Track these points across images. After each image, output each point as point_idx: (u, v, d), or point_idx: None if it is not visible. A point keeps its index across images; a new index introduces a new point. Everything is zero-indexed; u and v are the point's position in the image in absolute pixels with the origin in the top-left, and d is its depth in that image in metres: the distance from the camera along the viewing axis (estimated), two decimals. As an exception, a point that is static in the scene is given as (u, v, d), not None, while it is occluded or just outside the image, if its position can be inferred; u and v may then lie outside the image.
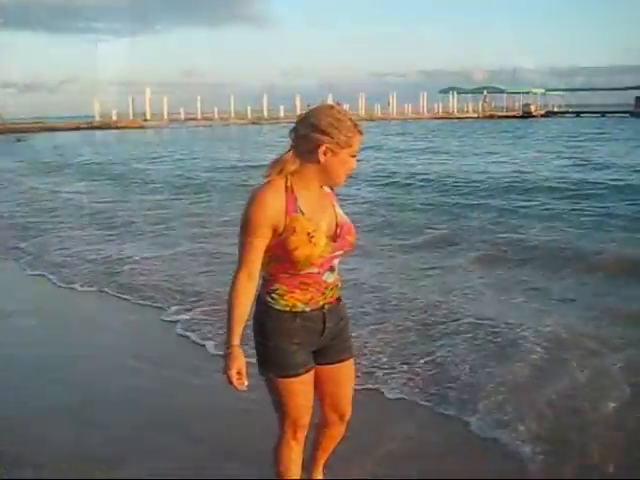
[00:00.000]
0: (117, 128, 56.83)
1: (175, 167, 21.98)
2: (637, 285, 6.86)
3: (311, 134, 2.49)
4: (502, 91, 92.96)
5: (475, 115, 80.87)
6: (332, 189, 2.75)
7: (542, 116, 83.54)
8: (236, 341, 2.54)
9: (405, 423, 3.69)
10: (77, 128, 57.43)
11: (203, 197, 14.89)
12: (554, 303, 6.28)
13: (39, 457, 3.55)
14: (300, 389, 2.69)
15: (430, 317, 5.76)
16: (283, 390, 2.68)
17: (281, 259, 2.56)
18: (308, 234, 2.51)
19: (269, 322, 2.64)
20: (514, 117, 79.71)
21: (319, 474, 3.16)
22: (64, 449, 3.69)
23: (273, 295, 2.62)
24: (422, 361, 4.77)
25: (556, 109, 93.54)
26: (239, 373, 2.51)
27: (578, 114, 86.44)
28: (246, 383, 2.53)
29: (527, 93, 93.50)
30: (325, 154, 2.50)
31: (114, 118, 62.35)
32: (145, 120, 61.94)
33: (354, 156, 2.58)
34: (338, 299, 2.77)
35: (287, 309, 2.62)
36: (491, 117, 78.72)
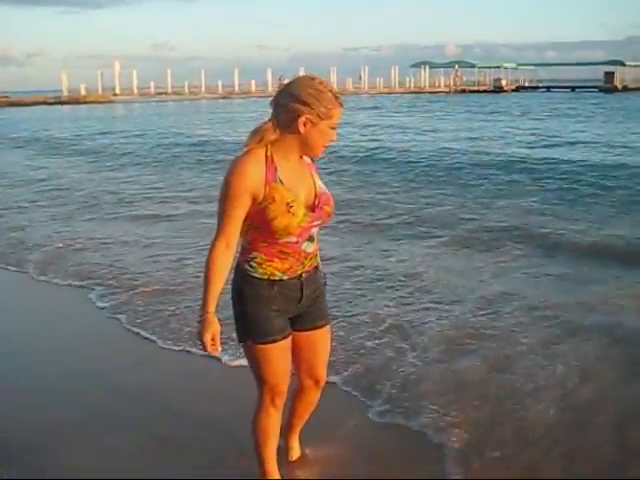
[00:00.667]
0: (86, 103, 55.92)
1: (142, 142, 21.54)
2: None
3: (291, 104, 2.51)
4: (473, 66, 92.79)
5: (447, 90, 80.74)
6: (312, 159, 2.78)
7: (513, 91, 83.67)
8: (211, 308, 2.59)
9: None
10: (44, 103, 56.45)
11: (166, 175, 14.71)
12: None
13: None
14: (278, 355, 2.72)
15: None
16: (261, 357, 2.72)
17: (260, 228, 2.59)
18: (287, 204, 2.53)
19: (247, 289, 2.68)
20: (485, 92, 79.76)
21: (295, 440, 3.27)
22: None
23: (252, 263, 2.66)
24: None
25: (527, 84, 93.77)
26: (213, 339, 2.58)
27: (548, 89, 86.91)
28: (220, 349, 2.62)
29: (498, 68, 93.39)
30: (305, 125, 2.52)
31: (82, 93, 61.39)
32: (114, 95, 61.00)
33: (334, 128, 2.59)
34: (316, 267, 2.82)
35: (265, 277, 2.65)
36: (462, 92, 78.68)
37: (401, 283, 6.21)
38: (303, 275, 2.72)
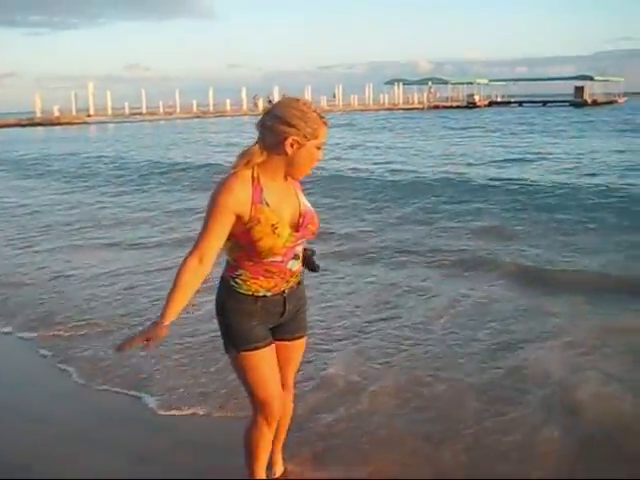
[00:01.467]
0: (59, 124, 55.59)
1: (110, 166, 20.81)
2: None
3: (277, 126, 2.54)
4: (446, 82, 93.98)
5: (420, 106, 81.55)
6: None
7: (486, 106, 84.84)
8: (166, 320, 2.53)
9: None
10: (17, 125, 56.13)
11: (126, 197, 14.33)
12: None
13: None
14: (262, 362, 2.75)
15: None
16: (247, 364, 2.74)
17: (245, 247, 2.62)
18: (272, 225, 2.56)
19: (230, 302, 2.72)
20: (458, 107, 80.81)
21: (278, 454, 3.25)
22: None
23: (237, 280, 2.69)
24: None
25: (499, 99, 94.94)
26: (148, 340, 2.50)
27: (520, 103, 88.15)
28: (134, 347, 2.51)
29: (471, 84, 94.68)
30: (292, 146, 2.55)
31: (56, 114, 61.10)
32: (88, 115, 60.78)
33: (320, 147, 2.63)
34: (299, 283, 2.86)
35: (249, 293, 2.69)
36: (436, 108, 79.53)
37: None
38: (286, 291, 2.77)
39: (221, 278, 2.77)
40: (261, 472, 2.98)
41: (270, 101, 70.43)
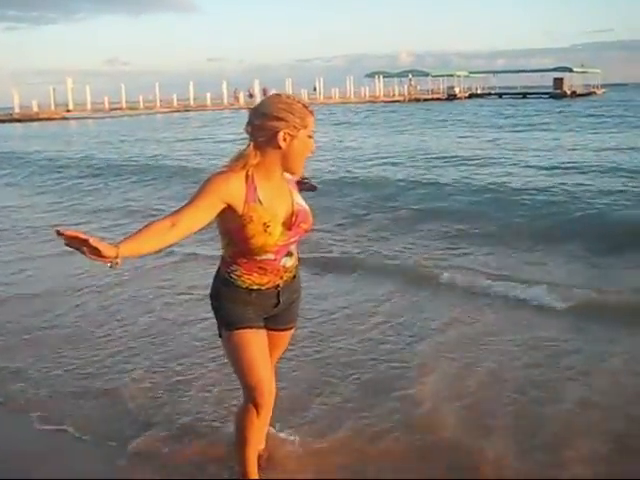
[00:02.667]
0: (38, 120, 55.06)
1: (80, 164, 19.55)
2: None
3: (266, 123, 2.58)
4: (427, 74, 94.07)
5: (401, 99, 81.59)
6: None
7: (466, 98, 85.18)
8: (121, 246, 2.33)
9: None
10: (-4, 120, 55.43)
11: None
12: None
13: None
14: (254, 342, 2.78)
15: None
16: (237, 343, 2.77)
17: (239, 245, 2.68)
18: (264, 224, 2.61)
19: (225, 291, 2.79)
20: (439, 100, 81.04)
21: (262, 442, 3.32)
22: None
23: (231, 275, 2.76)
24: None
25: (479, 91, 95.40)
26: (96, 247, 2.25)
27: (500, 95, 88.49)
28: (67, 234, 2.23)
29: (451, 76, 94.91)
30: (285, 139, 2.59)
31: (35, 109, 60.44)
32: (68, 111, 60.19)
33: (311, 137, 2.67)
34: (294, 277, 2.91)
35: (244, 287, 2.76)
36: (417, 100, 79.54)
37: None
38: (281, 285, 2.83)
39: (216, 272, 2.85)
40: (252, 454, 3.02)
41: (251, 95, 70.47)
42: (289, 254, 2.79)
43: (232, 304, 2.78)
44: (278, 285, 2.81)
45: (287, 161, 2.65)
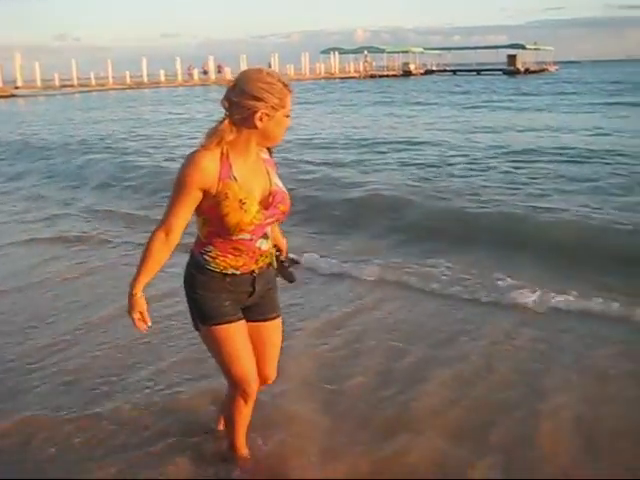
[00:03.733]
0: (-15, 97, 53.73)
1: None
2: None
3: (245, 101, 2.51)
4: (382, 51, 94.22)
5: (357, 75, 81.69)
6: (271, 155, 2.83)
7: (421, 74, 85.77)
8: (138, 290, 2.68)
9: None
10: (-59, 98, 53.85)
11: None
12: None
13: None
14: (233, 336, 2.76)
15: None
16: (216, 339, 2.76)
17: (214, 224, 2.62)
18: (240, 200, 2.56)
19: (198, 277, 2.74)
20: (395, 76, 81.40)
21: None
22: None
23: (205, 256, 2.70)
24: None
25: (434, 67, 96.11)
26: (141, 313, 2.68)
27: (455, 72, 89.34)
28: (149, 323, 2.71)
29: (406, 52, 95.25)
30: (261, 119, 2.53)
31: (-18, 86, 58.88)
32: (16, 87, 58.75)
33: (288, 115, 2.62)
34: (269, 264, 2.86)
35: (217, 270, 2.71)
36: (372, 77, 79.80)
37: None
38: (256, 271, 2.78)
39: (190, 254, 2.80)
40: (241, 441, 3.12)
41: (205, 71, 69.76)
42: (265, 236, 2.74)
43: (207, 293, 2.73)
44: (253, 271, 2.76)
45: (262, 138, 2.63)
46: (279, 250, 3.01)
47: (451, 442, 3.45)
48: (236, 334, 2.76)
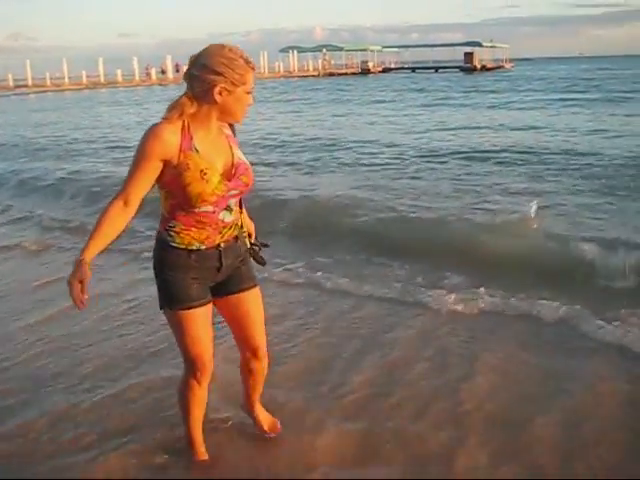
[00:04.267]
0: (-64, 98, 52.53)
1: None
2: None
3: (204, 75, 2.52)
4: (341, 49, 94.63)
5: (315, 73, 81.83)
6: (233, 131, 2.85)
7: (380, 72, 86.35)
8: (87, 256, 2.56)
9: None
10: None
11: None
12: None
13: None
14: (195, 322, 2.80)
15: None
16: (178, 323, 2.81)
17: (176, 196, 2.64)
18: (201, 171, 2.58)
19: (165, 257, 2.76)
20: (353, 74, 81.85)
21: (259, 411, 3.36)
22: None
23: (170, 232, 2.72)
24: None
25: (393, 65, 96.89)
26: (82, 283, 2.53)
27: (413, 69, 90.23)
28: (86, 296, 2.55)
29: (365, 50, 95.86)
30: (220, 94, 2.55)
31: None
32: (-32, 88, 57.59)
33: (249, 92, 2.62)
34: (236, 237, 2.86)
35: (182, 246, 2.72)
36: (331, 75, 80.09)
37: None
38: (222, 245, 2.78)
39: (157, 234, 2.82)
40: (197, 428, 3.12)
41: (163, 71, 69.14)
42: (228, 209, 2.75)
43: (174, 274, 2.75)
44: (219, 245, 2.78)
45: (223, 114, 2.65)
46: (249, 234, 3.06)
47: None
48: (197, 321, 2.80)
